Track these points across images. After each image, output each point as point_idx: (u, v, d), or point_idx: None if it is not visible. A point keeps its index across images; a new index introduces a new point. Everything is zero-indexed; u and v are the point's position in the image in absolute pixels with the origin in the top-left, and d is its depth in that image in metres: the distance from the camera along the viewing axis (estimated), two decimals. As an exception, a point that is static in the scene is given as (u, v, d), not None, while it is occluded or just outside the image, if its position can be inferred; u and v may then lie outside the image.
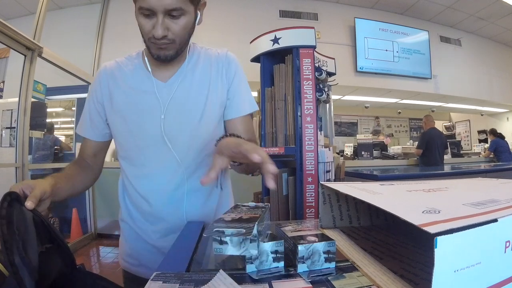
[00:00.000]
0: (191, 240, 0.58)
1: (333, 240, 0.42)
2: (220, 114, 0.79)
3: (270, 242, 0.42)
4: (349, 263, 0.44)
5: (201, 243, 0.58)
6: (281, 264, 0.42)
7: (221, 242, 0.38)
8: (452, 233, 0.31)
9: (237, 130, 0.78)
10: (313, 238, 0.43)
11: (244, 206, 0.53)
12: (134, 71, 0.76)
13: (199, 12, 0.71)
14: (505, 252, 0.35)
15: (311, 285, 0.37)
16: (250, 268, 0.41)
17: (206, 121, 0.75)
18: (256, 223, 0.40)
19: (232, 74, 0.79)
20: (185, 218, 0.76)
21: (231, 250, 0.38)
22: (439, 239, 0.31)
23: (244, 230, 0.38)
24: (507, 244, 0.35)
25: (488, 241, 0.34)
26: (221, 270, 0.39)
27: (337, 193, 0.58)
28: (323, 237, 0.43)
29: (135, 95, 0.74)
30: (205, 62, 0.78)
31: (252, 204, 0.54)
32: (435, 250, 0.31)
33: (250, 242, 0.38)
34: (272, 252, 0.41)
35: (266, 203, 0.54)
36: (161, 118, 0.72)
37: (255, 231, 0.38)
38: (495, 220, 0.33)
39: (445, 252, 0.31)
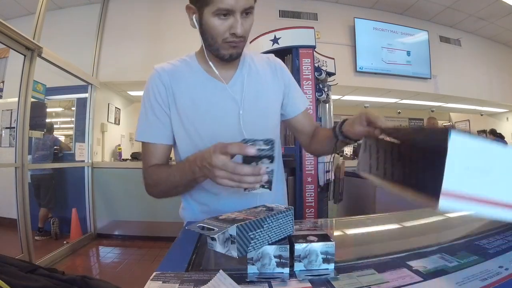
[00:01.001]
0: (191, 240, 0.58)
1: (332, 241, 0.42)
2: (277, 111, 0.85)
3: (273, 246, 0.40)
4: (349, 263, 0.44)
5: (201, 243, 0.58)
6: (286, 270, 0.40)
7: (213, 239, 0.39)
8: (466, 135, 0.36)
9: (305, 122, 0.89)
10: (312, 238, 0.43)
11: (266, 206, 0.51)
12: (195, 73, 0.77)
13: None
14: None
15: (310, 285, 0.37)
16: (251, 269, 0.41)
17: (272, 118, 0.83)
18: (236, 225, 0.38)
19: (288, 77, 0.86)
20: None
21: (218, 247, 0.39)
22: (453, 135, 0.35)
23: (216, 229, 0.37)
24: None
25: (501, 162, 0.37)
26: (221, 270, 0.39)
27: (377, 145, 0.62)
28: (323, 238, 0.43)
29: (201, 98, 0.75)
30: (259, 64, 0.83)
31: (281, 206, 0.50)
32: (449, 142, 0.35)
33: (231, 244, 0.38)
34: (275, 256, 0.40)
35: (290, 206, 0.50)
36: (240, 115, 0.76)
37: (232, 232, 0.37)
38: (510, 147, 0.37)
39: (458, 146, 0.35)
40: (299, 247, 0.41)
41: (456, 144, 0.35)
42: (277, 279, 0.39)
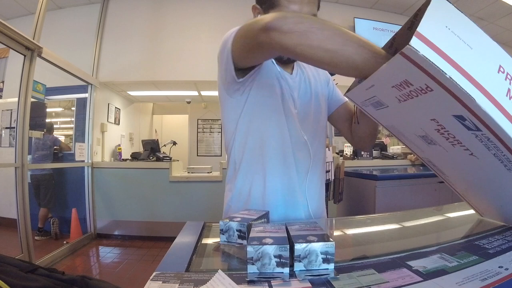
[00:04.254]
0: (191, 240, 0.58)
1: (332, 241, 0.42)
2: (326, 107, 0.89)
3: (273, 245, 0.41)
4: (349, 263, 0.44)
5: (201, 243, 0.58)
6: (286, 270, 0.40)
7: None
8: (451, 3, 0.36)
9: (347, 113, 0.90)
10: (312, 238, 0.43)
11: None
12: (265, 63, 0.80)
13: None
14: (498, 73, 0.38)
15: (310, 285, 0.37)
16: (251, 268, 0.41)
17: (323, 107, 0.87)
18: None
19: (327, 72, 0.92)
20: (311, 212, 0.81)
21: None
22: None
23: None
24: (501, 68, 0.39)
25: (484, 46, 0.38)
26: (219, 271, 0.39)
27: None
28: (323, 238, 0.43)
29: (274, 82, 0.79)
30: None
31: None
32: None
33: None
34: (275, 256, 0.40)
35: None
36: (295, 112, 0.79)
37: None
38: (494, 42, 0.38)
39: (442, 6, 0.36)
40: (299, 247, 0.41)
41: (440, 2, 0.36)
42: (277, 279, 0.39)
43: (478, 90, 0.36)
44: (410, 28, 0.42)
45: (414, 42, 0.34)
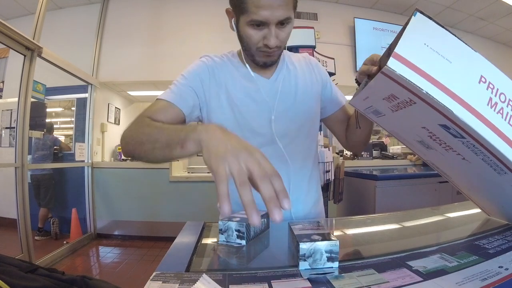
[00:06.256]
0: (191, 240, 0.58)
1: (336, 240, 0.42)
2: (318, 109, 0.86)
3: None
4: (349, 263, 0.44)
5: (201, 243, 0.58)
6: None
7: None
8: (431, 19, 0.38)
9: (345, 116, 0.89)
10: (317, 237, 0.43)
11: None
12: (239, 69, 0.80)
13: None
14: (478, 83, 0.40)
15: (310, 285, 0.37)
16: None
17: (313, 108, 0.83)
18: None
19: (325, 73, 0.90)
20: (292, 215, 0.80)
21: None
22: (419, 13, 0.38)
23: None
24: (482, 78, 0.40)
25: (464, 58, 0.39)
26: (204, 274, 0.38)
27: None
28: (327, 237, 0.43)
29: (245, 91, 0.77)
30: (297, 63, 0.86)
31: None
32: (412, 17, 0.38)
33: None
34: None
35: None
36: (271, 119, 0.77)
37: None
38: (475, 50, 0.39)
39: (421, 24, 0.37)
40: (304, 246, 0.41)
41: (419, 20, 0.38)
42: (277, 279, 0.39)
43: (456, 102, 0.38)
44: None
45: (391, 62, 0.37)
